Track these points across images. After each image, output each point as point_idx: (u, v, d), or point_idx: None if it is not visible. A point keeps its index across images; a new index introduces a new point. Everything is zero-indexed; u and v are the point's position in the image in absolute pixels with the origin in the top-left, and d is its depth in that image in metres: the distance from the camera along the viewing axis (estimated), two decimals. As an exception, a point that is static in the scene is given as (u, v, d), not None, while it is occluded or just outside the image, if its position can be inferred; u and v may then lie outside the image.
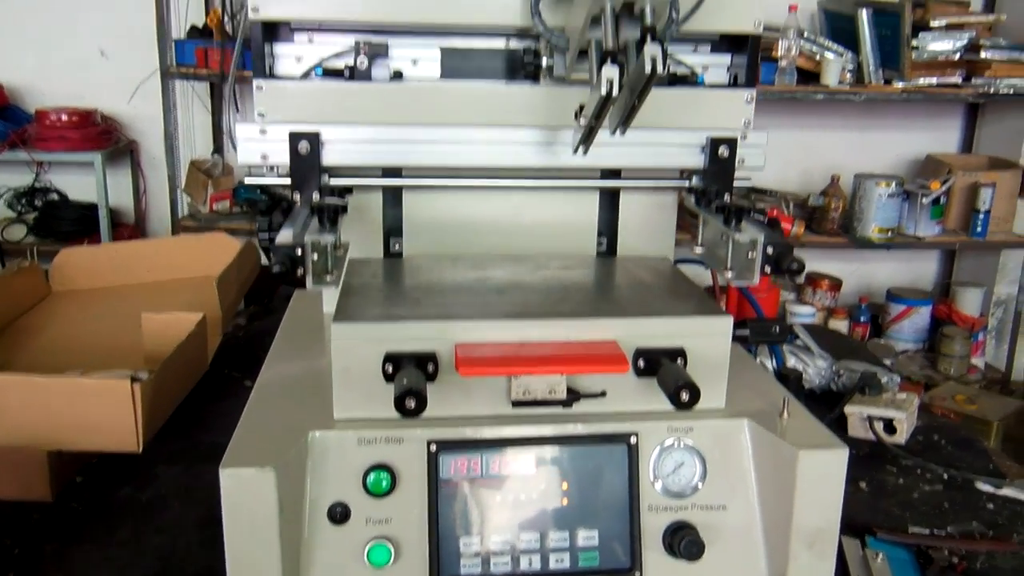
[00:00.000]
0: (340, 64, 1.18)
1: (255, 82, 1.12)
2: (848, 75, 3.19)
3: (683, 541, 0.91)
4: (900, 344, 3.38)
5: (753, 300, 1.65)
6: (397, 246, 1.26)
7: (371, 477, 0.89)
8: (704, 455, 0.95)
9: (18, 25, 3.53)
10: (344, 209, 1.03)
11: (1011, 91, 3.15)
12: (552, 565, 0.92)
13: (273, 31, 1.17)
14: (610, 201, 1.26)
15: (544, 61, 1.15)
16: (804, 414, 0.98)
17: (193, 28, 3.36)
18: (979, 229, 3.29)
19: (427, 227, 1.24)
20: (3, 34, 3.52)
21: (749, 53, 1.20)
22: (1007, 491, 1.23)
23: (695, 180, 1.19)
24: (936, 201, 3.27)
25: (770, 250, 0.99)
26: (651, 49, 0.89)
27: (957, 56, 3.22)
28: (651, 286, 1.12)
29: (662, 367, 0.93)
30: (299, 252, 0.89)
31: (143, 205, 3.73)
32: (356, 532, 0.89)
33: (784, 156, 3.64)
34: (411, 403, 0.84)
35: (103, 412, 1.09)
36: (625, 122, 1.02)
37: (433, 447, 0.90)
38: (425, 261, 1.18)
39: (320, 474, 0.89)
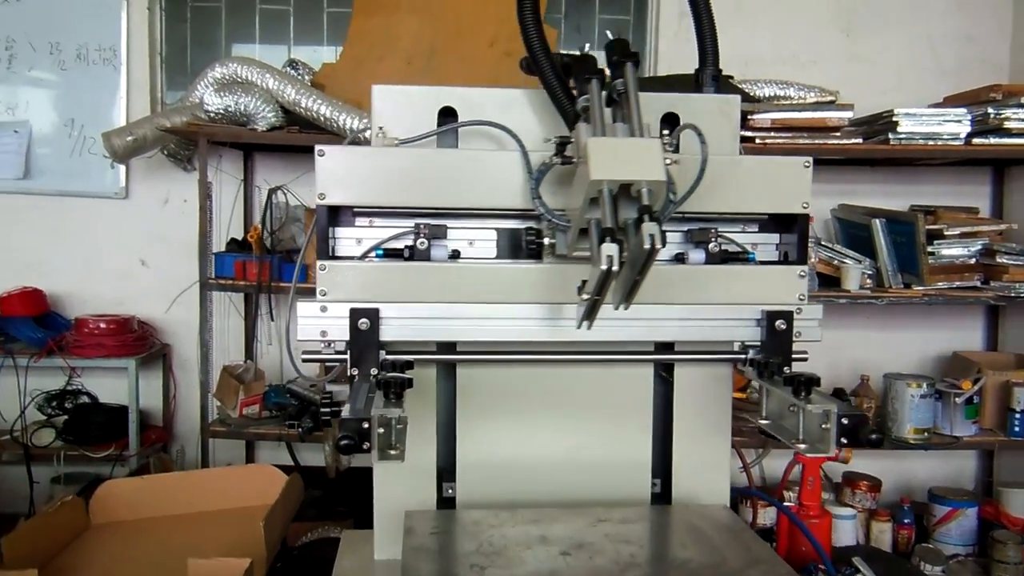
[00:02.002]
0: (400, 244, 1.22)
1: (318, 263, 1.17)
2: (868, 280, 3.27)
3: None
4: (949, 548, 3.25)
5: (805, 528, 1.61)
6: (450, 491, 1.24)
7: None
8: None
9: (64, 236, 3.70)
10: (410, 383, 1.03)
11: (1033, 294, 3.22)
12: None
13: (335, 215, 1.22)
14: (667, 370, 1.26)
15: (546, 240, 1.18)
16: None
17: (232, 241, 3.51)
18: (1016, 429, 3.25)
19: (480, 469, 1.23)
20: (49, 245, 3.69)
21: (798, 232, 1.24)
22: None
23: (752, 354, 1.20)
24: (969, 400, 3.25)
25: (845, 420, 0.98)
26: (648, 227, 0.93)
27: (973, 261, 3.31)
28: (718, 547, 1.09)
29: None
30: (366, 426, 0.89)
31: (172, 408, 3.75)
32: None
33: (812, 355, 3.67)
34: None
35: None
36: (628, 297, 1.04)
37: None
38: (483, 515, 1.16)
39: None
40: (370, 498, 1.23)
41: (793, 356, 1.21)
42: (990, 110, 3.25)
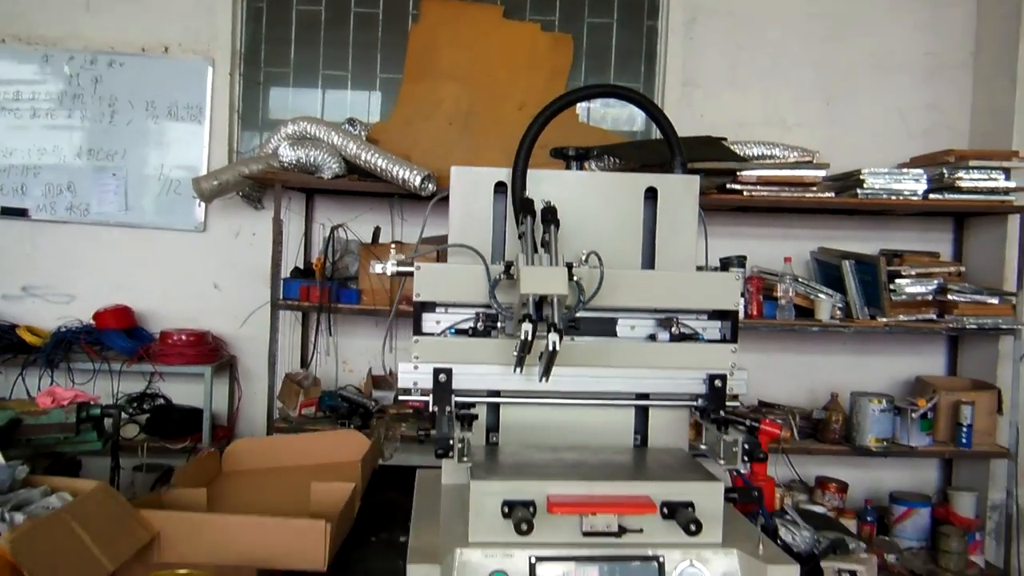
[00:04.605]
0: (466, 326, 1.78)
1: (414, 338, 1.72)
2: (838, 312, 3.83)
3: (695, 628, 1.40)
4: (904, 542, 3.77)
5: (743, 475, 2.14)
6: (494, 438, 1.81)
7: (493, 578, 1.41)
8: (708, 568, 1.45)
9: (150, 262, 4.33)
10: (476, 417, 1.60)
11: (976, 327, 3.77)
12: (609, 643, 1.40)
13: (423, 305, 1.78)
14: (643, 412, 1.82)
15: (499, 324, 1.74)
16: (771, 547, 1.49)
17: (296, 269, 4.12)
18: (964, 440, 3.78)
19: (515, 427, 1.80)
20: (137, 269, 4.32)
21: (732, 321, 1.80)
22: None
23: (700, 402, 1.75)
24: (924, 416, 3.78)
25: (746, 446, 1.53)
26: (552, 336, 1.49)
27: (930, 297, 3.86)
28: (671, 465, 1.66)
29: (678, 512, 1.45)
30: (451, 443, 1.46)
31: (236, 410, 4.34)
32: (484, 613, 1.39)
33: (792, 376, 4.23)
34: (524, 526, 1.37)
35: (303, 542, 1.61)
36: (546, 374, 1.58)
37: (533, 559, 1.42)
38: (518, 448, 1.73)
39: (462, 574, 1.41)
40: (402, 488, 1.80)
41: (727, 403, 1.74)
42: (945, 171, 3.83)
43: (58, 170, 4.30)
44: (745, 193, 3.82)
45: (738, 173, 3.83)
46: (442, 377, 1.69)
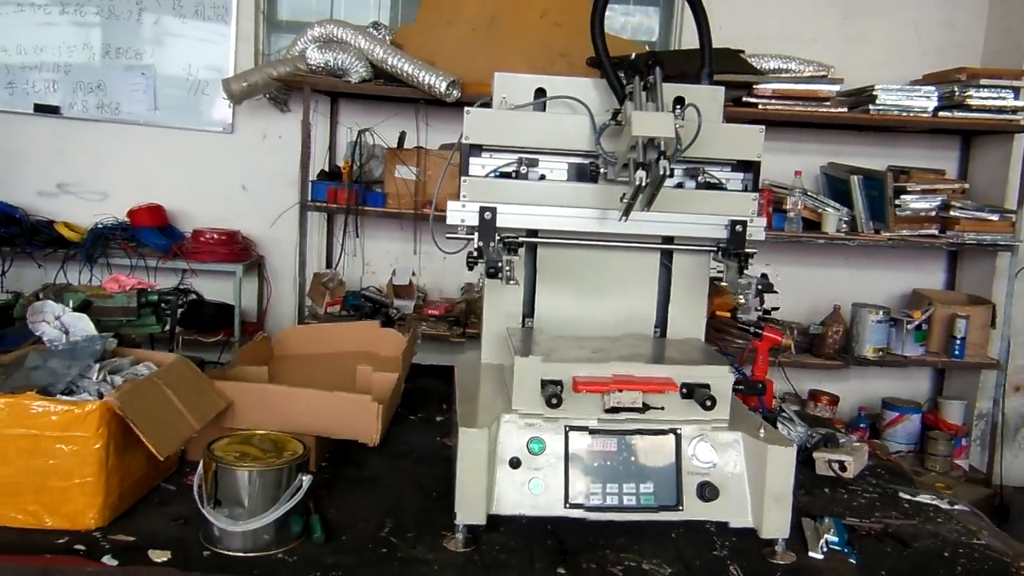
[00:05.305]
0: (510, 169, 1.92)
1: (462, 179, 1.85)
2: (844, 225, 3.98)
3: (706, 490, 1.61)
4: (894, 446, 4.01)
5: (741, 371, 2.34)
6: (529, 323, 2.00)
7: (532, 444, 1.61)
8: (717, 447, 1.65)
9: (179, 162, 4.46)
10: (521, 245, 1.78)
11: (976, 243, 3.93)
12: (627, 502, 1.61)
13: (471, 148, 1.91)
14: (668, 259, 1.99)
15: (601, 170, 1.88)
16: (773, 431, 1.68)
17: (322, 171, 4.26)
18: (957, 352, 3.99)
19: (549, 317, 1.98)
20: (167, 168, 4.45)
21: (754, 172, 1.93)
22: (920, 498, 1.91)
23: (722, 246, 1.91)
24: (919, 327, 3.98)
25: (760, 286, 1.72)
26: (663, 163, 1.64)
27: (933, 213, 4.01)
28: (689, 352, 1.85)
29: (695, 391, 1.64)
30: (499, 264, 1.64)
31: (265, 307, 4.55)
32: (523, 474, 1.59)
33: (794, 289, 4.39)
34: (554, 400, 1.57)
35: (358, 418, 1.81)
36: (648, 204, 1.73)
37: (567, 428, 1.62)
38: (553, 334, 1.92)
39: (504, 440, 1.61)
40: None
41: (745, 250, 1.90)
42: (956, 89, 3.91)
43: (88, 68, 4.39)
44: (760, 107, 3.92)
45: (754, 86, 3.92)
46: (487, 214, 1.82)
